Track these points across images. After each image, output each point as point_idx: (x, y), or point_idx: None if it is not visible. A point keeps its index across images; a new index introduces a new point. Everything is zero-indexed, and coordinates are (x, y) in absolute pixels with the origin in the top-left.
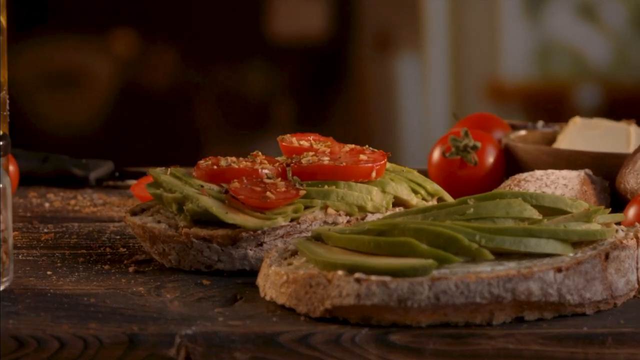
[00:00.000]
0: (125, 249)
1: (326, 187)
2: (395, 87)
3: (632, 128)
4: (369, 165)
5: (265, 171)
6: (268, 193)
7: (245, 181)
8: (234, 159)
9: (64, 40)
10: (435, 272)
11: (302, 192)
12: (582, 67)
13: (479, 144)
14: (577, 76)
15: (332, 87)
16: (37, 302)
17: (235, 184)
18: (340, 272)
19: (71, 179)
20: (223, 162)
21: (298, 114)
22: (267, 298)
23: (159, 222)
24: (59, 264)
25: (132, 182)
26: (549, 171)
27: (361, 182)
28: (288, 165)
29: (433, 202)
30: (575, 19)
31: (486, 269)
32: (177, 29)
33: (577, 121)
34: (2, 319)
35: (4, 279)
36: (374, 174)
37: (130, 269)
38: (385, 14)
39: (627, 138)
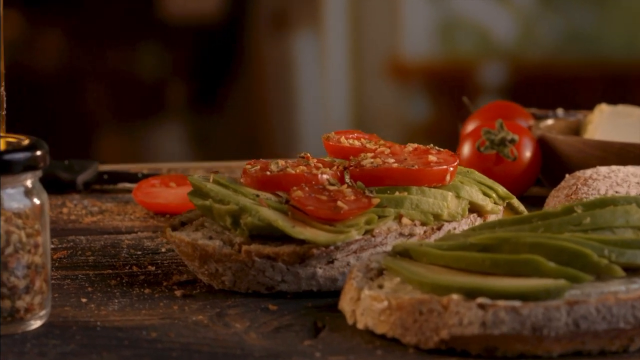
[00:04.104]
0: (154, 267)
1: (397, 193)
2: (293, 66)
3: None
4: (443, 167)
5: (326, 176)
6: (339, 203)
7: (306, 189)
8: (282, 162)
9: None
10: (566, 294)
11: (376, 201)
12: (487, 44)
13: (516, 137)
14: (482, 53)
15: (228, 68)
16: (90, 339)
17: (298, 193)
18: (455, 297)
19: (55, 182)
20: (273, 166)
21: (193, 95)
22: (360, 326)
23: (210, 238)
24: (89, 289)
25: (125, 185)
26: (614, 167)
27: (434, 187)
28: (346, 168)
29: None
30: None
31: (620, 289)
32: (64, 9)
33: (603, 109)
34: None
35: (43, 312)
36: (448, 177)
37: (177, 293)
38: None
39: None
